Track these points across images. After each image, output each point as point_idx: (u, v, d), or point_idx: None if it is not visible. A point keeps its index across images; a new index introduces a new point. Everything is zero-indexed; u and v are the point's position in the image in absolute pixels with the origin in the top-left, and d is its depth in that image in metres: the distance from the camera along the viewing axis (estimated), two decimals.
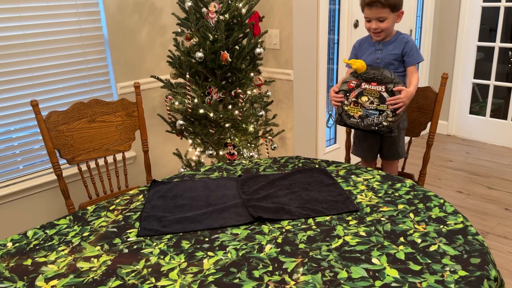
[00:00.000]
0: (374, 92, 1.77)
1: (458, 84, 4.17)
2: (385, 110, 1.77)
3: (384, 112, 1.76)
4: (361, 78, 1.79)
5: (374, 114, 1.77)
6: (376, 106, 1.76)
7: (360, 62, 1.82)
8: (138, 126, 2.12)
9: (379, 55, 2.05)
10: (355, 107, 1.78)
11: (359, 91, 1.78)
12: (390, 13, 1.92)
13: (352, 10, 3.27)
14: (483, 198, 3.11)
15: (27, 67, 2.20)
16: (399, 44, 2.01)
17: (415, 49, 2.02)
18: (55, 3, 2.24)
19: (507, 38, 4.10)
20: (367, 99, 1.77)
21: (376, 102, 1.76)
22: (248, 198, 1.48)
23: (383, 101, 1.76)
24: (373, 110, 1.76)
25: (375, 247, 1.19)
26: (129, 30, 2.52)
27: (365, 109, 1.77)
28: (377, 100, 1.76)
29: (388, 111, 1.76)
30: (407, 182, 1.58)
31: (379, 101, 1.76)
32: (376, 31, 1.97)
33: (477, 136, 4.20)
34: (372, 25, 1.96)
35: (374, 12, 1.91)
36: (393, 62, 2.03)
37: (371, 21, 1.96)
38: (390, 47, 2.03)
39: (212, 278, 1.09)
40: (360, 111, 1.78)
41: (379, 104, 1.76)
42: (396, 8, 1.92)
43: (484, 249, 1.16)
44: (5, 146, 2.20)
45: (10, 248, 1.28)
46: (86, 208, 1.50)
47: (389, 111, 1.76)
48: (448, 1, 4.05)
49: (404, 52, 2.01)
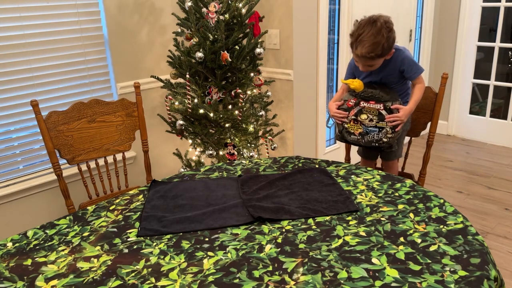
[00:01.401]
0: (373, 110, 1.82)
1: (458, 84, 4.17)
2: (385, 127, 1.82)
3: (384, 129, 1.81)
4: (359, 97, 1.84)
5: (374, 131, 1.82)
6: (376, 124, 1.82)
7: (358, 82, 1.86)
8: (138, 126, 2.12)
9: (377, 78, 1.98)
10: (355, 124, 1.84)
11: (358, 109, 1.83)
12: (378, 60, 1.85)
13: (352, 10, 3.27)
14: (483, 198, 3.11)
15: (27, 67, 2.20)
16: (394, 63, 1.94)
17: (412, 63, 1.94)
18: (55, 3, 2.24)
19: (507, 38, 4.10)
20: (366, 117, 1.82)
21: (375, 119, 1.81)
22: (248, 198, 1.48)
23: (382, 119, 1.81)
24: (372, 127, 1.82)
25: (375, 247, 1.19)
26: (129, 30, 2.52)
27: (365, 127, 1.82)
28: (376, 117, 1.81)
29: (387, 128, 1.81)
30: (407, 182, 1.58)
31: (378, 118, 1.81)
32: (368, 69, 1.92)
33: (477, 136, 4.20)
34: (360, 67, 1.91)
35: (363, 61, 1.86)
36: (391, 81, 1.99)
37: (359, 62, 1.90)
38: (386, 69, 1.96)
39: (212, 278, 1.09)
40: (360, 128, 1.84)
41: (378, 121, 1.81)
42: (384, 54, 1.84)
43: (484, 249, 1.16)
44: (5, 146, 2.20)
45: (10, 248, 1.28)
46: (86, 208, 1.50)
47: (389, 128, 1.81)
48: (448, 1, 4.05)
49: (402, 69, 1.95)
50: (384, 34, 1.79)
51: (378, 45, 1.78)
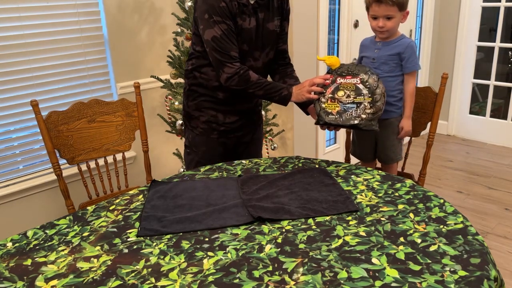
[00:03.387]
0: (350, 85, 1.74)
1: (458, 84, 4.17)
2: (362, 102, 1.73)
3: (362, 104, 1.73)
4: (335, 73, 1.76)
5: (352, 107, 1.73)
6: (353, 99, 1.73)
7: (333, 57, 1.80)
8: (138, 126, 2.12)
9: (376, 54, 2.05)
10: (333, 103, 1.75)
11: (335, 87, 1.74)
12: (397, 12, 1.92)
13: (352, 10, 3.27)
14: (483, 198, 3.11)
15: (27, 67, 2.20)
16: (400, 46, 2.01)
17: (414, 54, 2.01)
18: (55, 3, 2.24)
19: (507, 38, 4.10)
20: (344, 93, 1.73)
21: (352, 95, 1.73)
22: (248, 198, 1.48)
23: (359, 93, 1.73)
24: (350, 103, 1.73)
25: (375, 247, 1.19)
26: (129, 30, 2.52)
27: (343, 104, 1.74)
28: (353, 93, 1.73)
29: (365, 102, 1.73)
30: (407, 182, 1.58)
31: (355, 93, 1.73)
32: (383, 29, 1.97)
33: (477, 136, 4.20)
34: (379, 23, 1.96)
35: (382, 9, 1.92)
36: (388, 62, 2.02)
37: (377, 18, 1.96)
38: (390, 47, 2.03)
39: (212, 278, 1.09)
40: (338, 106, 1.74)
41: (355, 96, 1.73)
42: (403, 7, 1.93)
43: (484, 249, 1.16)
44: (5, 146, 2.20)
45: (10, 248, 1.28)
46: (86, 208, 1.50)
47: (367, 103, 1.72)
48: (448, 1, 4.05)
49: (403, 56, 2.01)
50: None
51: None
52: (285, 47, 2.00)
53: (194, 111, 1.93)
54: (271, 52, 1.90)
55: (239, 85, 1.76)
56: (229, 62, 1.73)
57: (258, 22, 1.79)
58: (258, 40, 1.82)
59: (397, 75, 2.05)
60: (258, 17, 1.78)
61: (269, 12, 1.82)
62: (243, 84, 1.76)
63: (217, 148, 1.96)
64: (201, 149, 1.96)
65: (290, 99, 1.80)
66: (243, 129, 1.98)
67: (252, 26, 1.77)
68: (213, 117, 1.90)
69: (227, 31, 1.70)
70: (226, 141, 1.96)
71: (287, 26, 1.96)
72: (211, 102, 1.89)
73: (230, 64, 1.73)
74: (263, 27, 1.81)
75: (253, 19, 1.77)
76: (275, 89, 1.79)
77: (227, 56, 1.73)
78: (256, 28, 1.79)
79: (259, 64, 1.86)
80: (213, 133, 1.93)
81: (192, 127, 1.96)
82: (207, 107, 1.90)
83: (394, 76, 2.05)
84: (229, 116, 1.91)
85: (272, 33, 1.85)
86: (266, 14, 1.81)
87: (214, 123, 1.91)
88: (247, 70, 1.76)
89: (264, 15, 1.80)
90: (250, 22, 1.76)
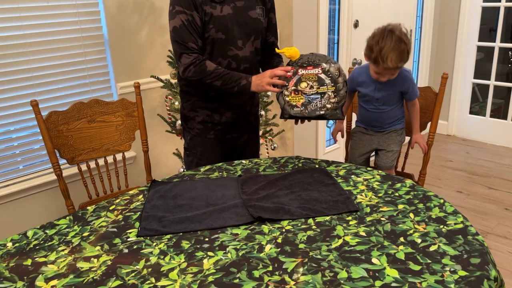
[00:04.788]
0: (312, 76, 1.71)
1: (458, 84, 4.17)
2: (326, 92, 1.71)
3: (326, 94, 1.71)
4: (296, 65, 1.73)
5: (316, 98, 1.72)
6: (317, 90, 1.71)
7: (292, 49, 1.75)
8: (138, 126, 2.12)
9: (380, 94, 2.04)
10: (296, 95, 1.72)
11: (297, 78, 1.72)
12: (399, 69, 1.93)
13: (352, 10, 3.27)
14: (483, 198, 3.11)
15: (27, 67, 2.20)
16: (400, 82, 2.00)
17: (414, 85, 2.02)
18: (55, 3, 2.24)
19: (507, 38, 4.10)
20: (306, 85, 1.71)
21: (315, 85, 1.71)
22: (248, 198, 1.48)
23: (322, 83, 1.71)
24: (314, 94, 1.71)
25: (375, 247, 1.19)
26: (129, 30, 2.52)
27: (306, 95, 1.72)
28: (316, 83, 1.71)
29: (329, 92, 1.71)
30: (407, 182, 1.58)
31: (318, 84, 1.71)
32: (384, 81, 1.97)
33: (477, 136, 4.20)
34: (383, 79, 1.96)
35: (388, 72, 1.91)
36: (392, 98, 2.06)
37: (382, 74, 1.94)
38: (390, 85, 2.01)
39: (212, 278, 1.09)
40: (302, 98, 1.72)
41: (319, 87, 1.71)
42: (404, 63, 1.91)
43: (484, 249, 1.16)
44: (5, 146, 2.20)
45: (10, 248, 1.28)
46: (86, 208, 1.50)
47: (330, 92, 1.71)
48: (448, 1, 4.05)
49: (405, 90, 2.03)
50: (405, 41, 1.85)
51: (404, 53, 1.85)
52: (273, 39, 1.97)
53: (190, 112, 1.93)
54: (257, 41, 1.88)
55: (196, 76, 1.74)
56: (186, 52, 1.72)
57: (237, 10, 1.77)
58: (239, 28, 1.79)
59: (400, 103, 2.10)
60: (236, 5, 1.77)
61: (249, 1, 1.81)
62: (199, 75, 1.74)
63: (215, 148, 1.96)
64: (199, 150, 1.96)
65: (249, 89, 1.75)
66: (240, 130, 1.98)
67: (226, 14, 1.75)
68: (208, 117, 1.90)
69: (188, 21, 1.69)
70: (223, 141, 1.96)
71: (274, 18, 1.94)
72: (204, 101, 1.88)
73: (186, 55, 1.72)
74: (244, 15, 1.79)
75: (228, 7, 1.75)
76: (233, 79, 1.75)
77: (184, 47, 1.72)
78: (235, 15, 1.77)
79: (246, 53, 1.84)
80: (210, 133, 1.93)
81: (189, 128, 1.96)
82: (201, 106, 1.89)
83: (398, 105, 2.10)
84: (224, 113, 1.91)
85: (255, 21, 1.83)
86: (246, 2, 1.80)
87: (210, 123, 1.91)
88: (203, 60, 1.74)
89: (245, 3, 1.79)
90: (222, 9, 1.74)
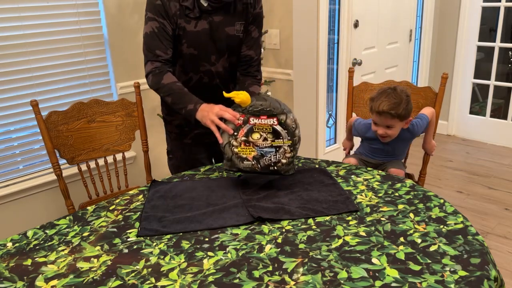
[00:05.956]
0: (266, 126, 1.49)
1: (458, 84, 4.17)
2: (282, 146, 1.49)
3: (281, 148, 1.49)
4: (248, 112, 1.50)
5: (270, 152, 1.49)
6: (271, 143, 1.49)
7: (243, 93, 1.51)
8: (138, 126, 2.12)
9: (389, 146, 2.06)
10: (247, 147, 1.49)
11: (248, 128, 1.49)
12: (398, 122, 1.93)
13: (352, 10, 3.27)
14: (483, 198, 3.11)
15: (27, 67, 2.20)
16: (407, 133, 2.02)
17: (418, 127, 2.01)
18: (55, 3, 2.24)
19: (507, 38, 4.10)
20: (259, 136, 1.49)
21: (270, 138, 1.48)
22: (248, 198, 1.48)
23: (278, 136, 1.49)
24: (268, 147, 1.49)
25: (375, 247, 1.19)
26: (129, 30, 2.53)
27: (259, 148, 1.49)
28: (270, 135, 1.48)
29: (285, 146, 1.49)
30: (407, 182, 1.58)
31: (273, 136, 1.49)
32: (383, 135, 1.98)
33: (477, 136, 4.20)
34: (379, 131, 1.97)
35: (383, 120, 1.93)
36: (400, 146, 2.08)
37: (378, 125, 1.97)
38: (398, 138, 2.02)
39: (212, 278, 1.09)
40: (254, 151, 1.49)
41: (273, 140, 1.49)
42: (405, 118, 1.92)
43: (484, 249, 1.16)
44: (5, 146, 2.20)
45: (10, 248, 1.28)
46: (86, 208, 1.50)
47: (286, 146, 1.49)
48: (448, 1, 4.05)
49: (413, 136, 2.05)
50: (403, 97, 1.90)
51: (399, 104, 1.88)
52: (250, 53, 1.83)
53: (167, 115, 1.92)
54: (233, 57, 1.82)
55: (153, 86, 1.70)
56: (151, 60, 1.69)
57: (212, 26, 1.70)
58: (213, 44, 1.74)
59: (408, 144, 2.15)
60: (213, 20, 1.70)
61: (229, 16, 1.73)
62: (155, 85, 1.69)
63: (195, 152, 1.94)
64: (178, 154, 1.95)
65: (194, 116, 1.62)
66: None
67: (200, 29, 1.69)
68: (184, 120, 1.85)
69: (158, 29, 1.66)
70: (204, 145, 1.93)
71: (255, 31, 1.82)
72: None
73: (150, 62, 1.69)
74: (220, 31, 1.73)
75: (204, 21, 1.69)
76: (182, 100, 1.64)
77: (151, 55, 1.69)
78: (211, 31, 1.71)
79: (219, 69, 1.79)
80: (187, 137, 1.91)
81: (169, 131, 1.96)
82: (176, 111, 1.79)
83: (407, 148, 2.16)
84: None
85: (232, 37, 1.76)
86: (226, 18, 1.72)
87: (186, 127, 1.88)
88: (163, 71, 1.68)
89: (223, 19, 1.72)
90: (197, 25, 1.68)
